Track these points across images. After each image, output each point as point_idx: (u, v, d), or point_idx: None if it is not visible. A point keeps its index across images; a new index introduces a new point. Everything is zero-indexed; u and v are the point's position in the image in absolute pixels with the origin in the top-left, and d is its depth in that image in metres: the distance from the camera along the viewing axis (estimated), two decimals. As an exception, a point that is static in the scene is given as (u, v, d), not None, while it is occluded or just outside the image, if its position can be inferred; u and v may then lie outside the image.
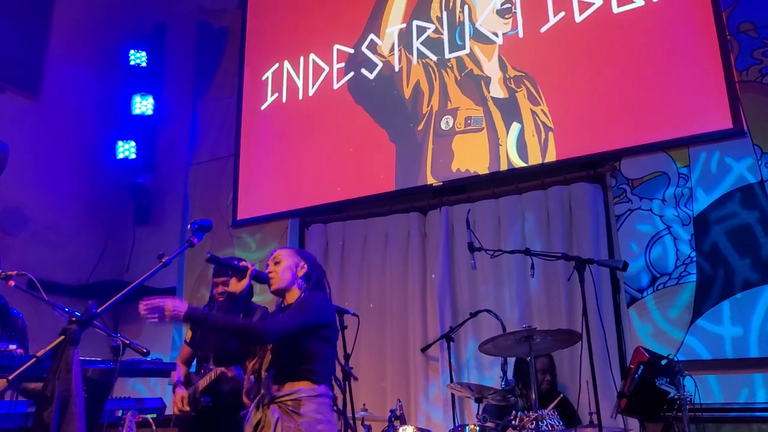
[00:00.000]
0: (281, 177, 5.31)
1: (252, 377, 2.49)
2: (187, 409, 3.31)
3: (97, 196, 5.84)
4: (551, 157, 4.34)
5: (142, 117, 5.92)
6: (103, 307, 2.20)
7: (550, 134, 4.37)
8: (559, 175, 4.34)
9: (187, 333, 3.63)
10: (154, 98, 5.99)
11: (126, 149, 5.81)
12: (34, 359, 2.01)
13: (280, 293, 2.61)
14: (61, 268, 5.28)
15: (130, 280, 5.47)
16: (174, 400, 3.41)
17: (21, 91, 5.42)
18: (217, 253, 5.45)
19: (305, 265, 2.62)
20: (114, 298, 2.27)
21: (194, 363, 3.61)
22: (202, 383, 3.30)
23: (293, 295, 2.57)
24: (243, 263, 2.54)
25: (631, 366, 3.22)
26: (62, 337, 2.07)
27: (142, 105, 5.92)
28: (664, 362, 3.16)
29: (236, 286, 2.58)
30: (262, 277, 2.57)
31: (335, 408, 2.82)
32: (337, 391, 3.13)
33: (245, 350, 2.62)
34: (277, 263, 2.61)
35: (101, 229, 5.83)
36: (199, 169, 5.81)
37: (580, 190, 4.21)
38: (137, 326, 5.53)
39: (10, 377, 1.96)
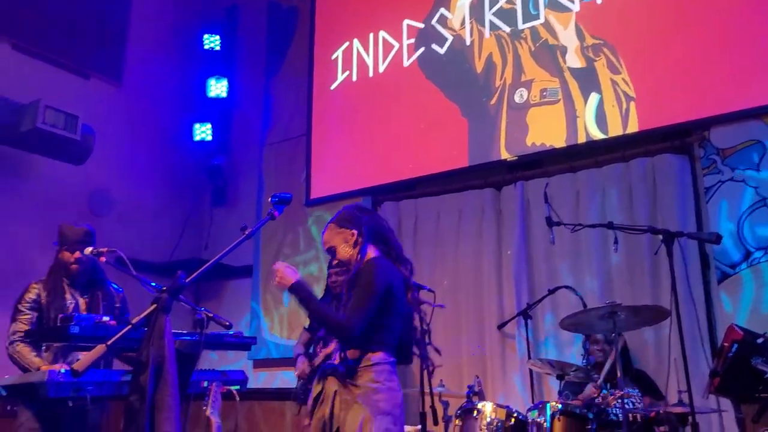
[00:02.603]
0: (353, 155, 5.32)
1: (312, 348, 2.54)
2: (307, 371, 3.76)
3: (176, 178, 6.05)
4: (633, 128, 4.16)
5: (217, 99, 6.06)
6: (191, 276, 2.27)
7: (632, 104, 4.18)
8: (641, 146, 4.15)
9: (306, 321, 4.05)
10: (228, 81, 6.12)
11: (202, 131, 5.97)
12: (130, 326, 2.10)
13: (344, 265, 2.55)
14: (145, 247, 5.49)
15: (208, 258, 5.58)
16: (297, 365, 3.88)
17: (104, 77, 5.65)
18: (291, 230, 5.57)
19: (354, 233, 2.51)
20: (201, 269, 2.33)
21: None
22: (317, 361, 3.63)
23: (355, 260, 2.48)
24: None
25: (724, 344, 3.06)
26: (154, 305, 2.15)
27: (217, 88, 6.06)
28: (760, 341, 3.00)
29: None
30: None
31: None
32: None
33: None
34: (331, 252, 2.54)
35: (181, 209, 6.03)
36: (273, 150, 5.91)
37: (664, 162, 4.01)
38: (217, 303, 5.72)
39: (108, 342, 2.04)
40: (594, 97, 4.34)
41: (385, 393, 2.30)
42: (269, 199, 2.55)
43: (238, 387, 3.49)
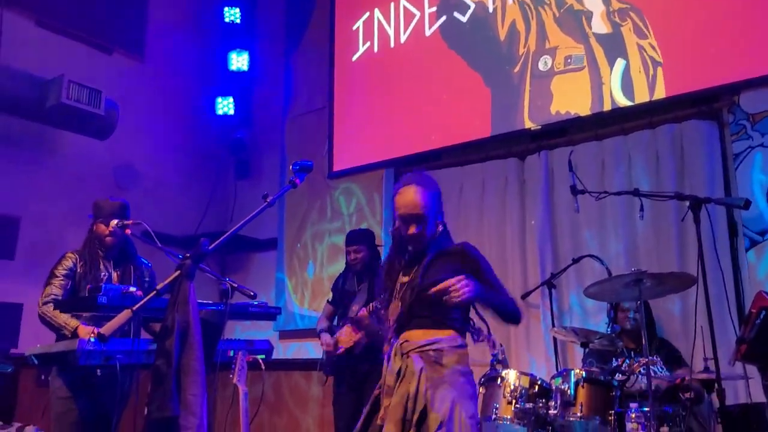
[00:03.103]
0: (375, 126, 5.30)
1: (392, 323, 2.42)
2: (332, 347, 4.01)
3: (199, 152, 6.09)
4: (660, 93, 4.07)
5: (238, 73, 6.06)
6: (214, 244, 2.29)
7: (659, 69, 4.08)
8: (669, 113, 4.05)
9: (329, 295, 4.29)
10: (249, 54, 6.11)
11: (225, 105, 5.99)
12: (154, 292, 2.14)
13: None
14: (170, 220, 5.56)
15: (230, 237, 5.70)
16: (321, 342, 4.15)
17: (127, 52, 5.68)
18: (314, 202, 5.59)
19: (441, 221, 2.48)
20: (224, 236, 2.35)
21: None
22: (343, 342, 3.98)
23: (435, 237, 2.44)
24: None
25: (752, 311, 3.01)
26: (178, 271, 2.18)
27: (238, 61, 6.06)
28: (789, 307, 2.94)
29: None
30: None
31: None
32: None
33: None
34: (418, 225, 2.38)
35: (205, 183, 6.08)
36: (295, 122, 5.91)
37: (692, 128, 3.92)
38: (242, 276, 5.79)
39: (134, 307, 2.09)
40: (620, 63, 4.24)
41: (470, 376, 2.30)
42: (290, 167, 2.55)
43: (263, 356, 3.54)
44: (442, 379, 2.20)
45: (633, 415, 2.79)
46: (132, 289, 2.89)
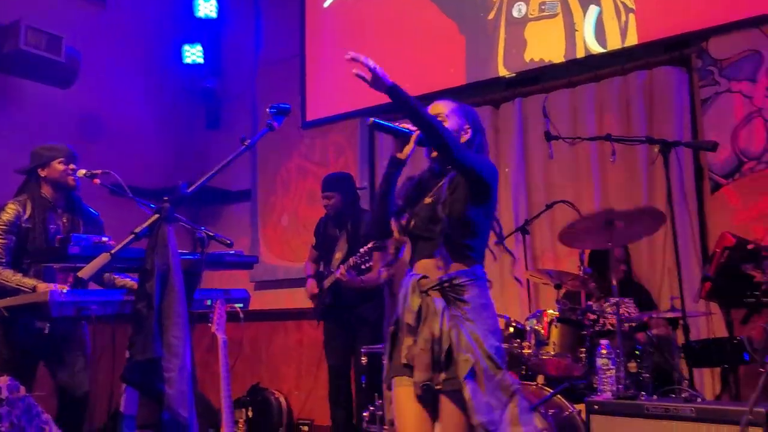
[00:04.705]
0: (348, 75, 5.15)
1: (395, 251, 2.31)
2: (316, 291, 4.15)
3: (168, 102, 5.94)
4: (632, 40, 4.09)
5: (206, 20, 5.87)
6: (192, 186, 2.27)
7: (631, 16, 4.10)
8: (640, 59, 4.09)
9: (312, 240, 4.39)
10: (217, 0, 5.92)
11: (192, 53, 5.82)
12: (132, 235, 2.11)
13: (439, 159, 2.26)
14: (139, 172, 5.41)
15: (207, 182, 5.63)
16: (307, 288, 4.27)
17: (87, -3, 5.46)
18: (287, 154, 5.55)
19: (469, 129, 2.26)
20: (201, 180, 2.33)
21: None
22: (326, 283, 4.05)
23: None
24: (407, 127, 2.20)
25: (716, 250, 3.14)
26: (157, 215, 2.16)
27: (206, 7, 5.85)
28: (750, 246, 3.07)
29: (399, 151, 2.21)
30: (426, 142, 2.20)
31: None
32: None
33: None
34: None
35: (174, 134, 5.96)
36: (267, 72, 5.79)
37: (662, 75, 3.97)
38: (216, 228, 5.71)
39: (113, 251, 2.07)
40: (593, 10, 4.25)
41: (492, 309, 2.18)
42: (267, 110, 2.50)
43: (241, 305, 3.56)
44: (466, 316, 2.07)
45: (603, 352, 2.90)
46: (104, 239, 2.83)
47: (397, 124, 2.21)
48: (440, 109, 2.27)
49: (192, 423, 2.01)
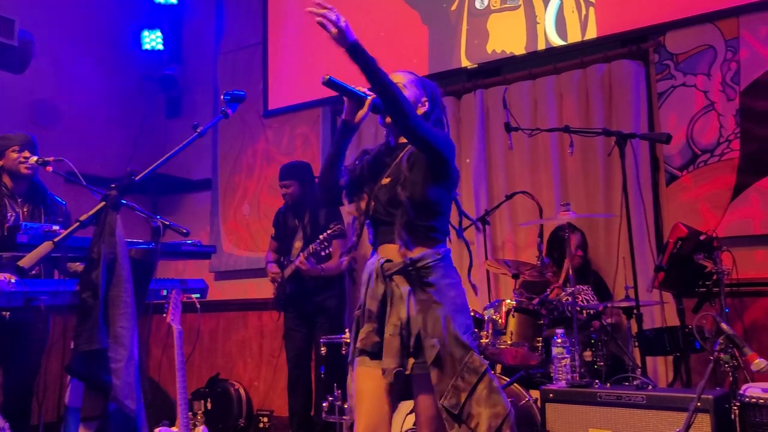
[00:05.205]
0: (311, 64, 5.17)
1: (357, 233, 2.21)
2: (278, 271, 4.12)
3: (126, 89, 5.80)
4: (592, 34, 4.15)
5: (166, 6, 5.75)
6: (142, 174, 2.22)
7: (591, 9, 4.15)
8: (599, 52, 4.13)
9: (272, 230, 4.38)
10: (177, -15, 5.80)
11: (152, 39, 5.69)
12: (77, 223, 2.05)
13: (393, 128, 2.23)
14: (96, 160, 5.33)
15: (165, 171, 5.54)
16: (267, 269, 4.24)
17: (42, -22, 5.29)
18: (251, 143, 5.47)
19: (427, 102, 2.24)
20: (150, 167, 2.27)
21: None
22: (287, 272, 4.01)
23: None
24: (363, 90, 2.15)
25: (670, 240, 3.20)
26: (103, 203, 2.10)
27: (166, -8, 5.74)
28: (702, 237, 3.13)
29: (351, 115, 2.17)
30: (380, 108, 2.15)
31: None
32: None
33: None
34: None
35: (133, 121, 5.82)
36: (228, 59, 5.70)
37: (620, 68, 4.02)
38: (175, 217, 5.65)
39: (56, 239, 2.00)
40: (554, 3, 4.28)
41: (459, 288, 2.13)
42: (222, 97, 2.46)
43: (198, 295, 3.50)
44: (432, 299, 2.04)
45: (558, 341, 2.93)
46: (55, 227, 2.77)
47: (353, 86, 2.15)
48: (399, 78, 2.22)
49: (139, 414, 1.96)
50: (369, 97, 2.13)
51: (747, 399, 2.38)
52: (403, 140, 2.22)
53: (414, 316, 2.02)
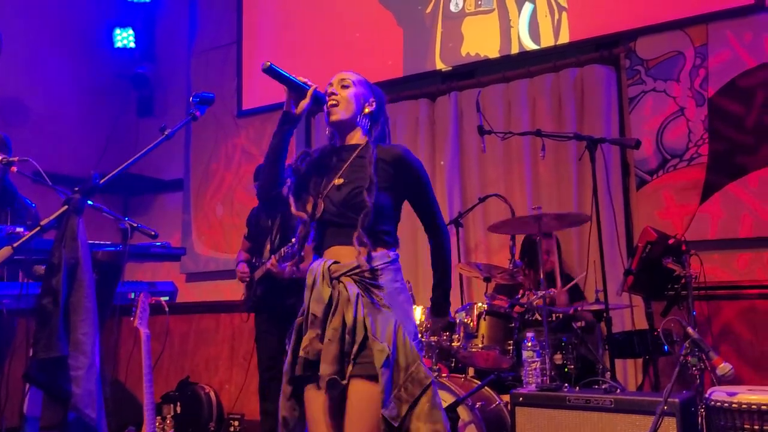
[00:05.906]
0: (285, 64, 5.05)
1: (299, 241, 2.13)
2: (247, 271, 4.02)
3: (97, 87, 5.70)
4: (564, 38, 4.19)
5: (139, 4, 5.66)
6: (106, 177, 2.17)
7: (564, 14, 4.18)
8: (572, 57, 4.17)
9: (245, 230, 4.24)
10: (150, -17, 5.72)
11: (124, 37, 5.60)
12: (39, 227, 2.00)
13: (340, 126, 2.15)
14: (66, 159, 5.23)
15: (137, 171, 5.45)
16: (237, 269, 4.09)
17: (10, -25, 5.18)
18: (222, 142, 5.42)
19: (374, 102, 2.17)
20: (116, 170, 2.23)
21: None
22: (258, 274, 3.92)
23: (355, 136, 2.14)
24: (305, 80, 2.10)
25: (639, 244, 3.22)
26: (66, 206, 2.05)
27: (138, -10, 5.66)
28: (671, 241, 3.16)
29: (292, 107, 2.12)
30: (322, 101, 2.12)
31: None
32: None
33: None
34: (345, 87, 2.14)
35: (104, 120, 5.72)
36: (202, 58, 5.63)
37: (592, 73, 4.05)
38: (146, 219, 5.57)
39: (15, 244, 1.95)
40: (527, 7, 4.31)
41: (406, 293, 2.10)
42: (191, 99, 2.41)
43: (167, 298, 3.45)
44: (381, 302, 1.98)
45: (529, 344, 2.93)
46: (19, 229, 2.69)
47: (294, 75, 2.10)
48: (346, 75, 2.18)
49: (100, 423, 1.92)
50: (310, 88, 2.09)
51: (713, 403, 2.40)
52: (350, 141, 2.16)
53: (361, 320, 1.93)
